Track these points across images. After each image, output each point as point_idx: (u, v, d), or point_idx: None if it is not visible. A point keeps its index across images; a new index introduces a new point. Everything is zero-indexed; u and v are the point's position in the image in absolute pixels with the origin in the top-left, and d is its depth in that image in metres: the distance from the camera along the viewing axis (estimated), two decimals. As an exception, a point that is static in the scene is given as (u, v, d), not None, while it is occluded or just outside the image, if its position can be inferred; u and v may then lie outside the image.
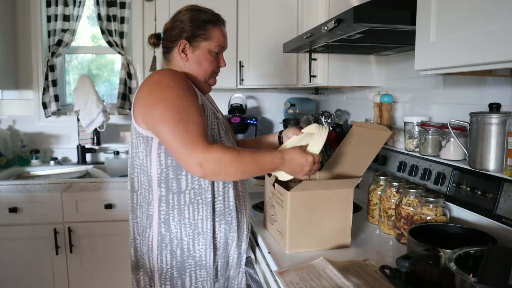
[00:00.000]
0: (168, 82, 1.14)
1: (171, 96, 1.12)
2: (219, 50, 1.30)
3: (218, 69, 1.35)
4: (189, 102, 1.13)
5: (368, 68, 1.99)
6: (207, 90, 1.35)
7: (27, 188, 2.29)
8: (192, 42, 1.26)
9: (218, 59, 1.32)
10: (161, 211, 1.23)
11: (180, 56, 1.27)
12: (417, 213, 1.25)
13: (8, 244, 2.31)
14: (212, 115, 1.26)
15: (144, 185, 1.25)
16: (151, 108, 1.13)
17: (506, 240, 1.09)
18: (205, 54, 1.28)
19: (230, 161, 1.08)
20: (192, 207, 1.22)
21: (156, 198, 1.23)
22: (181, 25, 1.26)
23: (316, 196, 1.23)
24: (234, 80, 2.65)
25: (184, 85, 1.16)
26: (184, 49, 1.27)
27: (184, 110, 1.10)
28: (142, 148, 1.22)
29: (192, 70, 1.29)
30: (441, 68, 1.00)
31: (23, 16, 2.79)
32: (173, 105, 1.10)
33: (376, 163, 1.77)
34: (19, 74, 2.83)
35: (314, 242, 1.26)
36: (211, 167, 1.06)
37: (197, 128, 1.09)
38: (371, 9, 1.21)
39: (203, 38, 1.26)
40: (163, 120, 1.09)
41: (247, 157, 1.11)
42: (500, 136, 1.15)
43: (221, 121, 1.31)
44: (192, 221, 1.23)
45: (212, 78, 1.34)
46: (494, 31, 0.81)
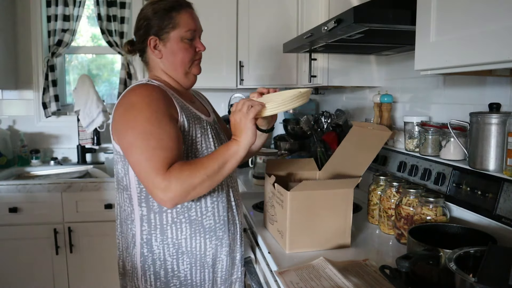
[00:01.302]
0: (141, 105, 1.08)
1: (142, 122, 1.06)
2: (192, 35, 1.22)
3: (199, 56, 1.27)
4: (161, 126, 1.06)
5: (368, 68, 1.99)
6: (192, 82, 1.28)
7: (27, 188, 2.29)
8: (161, 35, 1.20)
9: (194, 45, 1.24)
10: (143, 231, 1.17)
11: (154, 54, 1.22)
12: (417, 213, 1.25)
13: (8, 244, 2.31)
14: (195, 124, 1.19)
15: (126, 203, 1.20)
16: (122, 134, 1.10)
17: (506, 240, 1.09)
18: (178, 43, 1.20)
19: (190, 173, 1.03)
20: (175, 226, 1.17)
21: (137, 217, 1.17)
22: (145, 22, 1.21)
23: (316, 196, 1.23)
24: (234, 80, 2.65)
25: (157, 106, 1.09)
26: (156, 45, 1.21)
27: (152, 136, 1.05)
28: (121, 166, 1.18)
29: (169, 65, 1.22)
30: (441, 68, 1.00)
31: (23, 16, 2.79)
32: (142, 132, 1.05)
33: (376, 163, 1.77)
34: (19, 74, 2.84)
35: (314, 242, 1.26)
36: (174, 188, 1.01)
37: (164, 154, 1.03)
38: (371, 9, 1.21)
39: (170, 28, 1.19)
40: (131, 149, 1.06)
41: (204, 160, 1.07)
42: (500, 136, 1.15)
43: (208, 124, 1.25)
44: (176, 241, 1.17)
45: (194, 67, 1.26)
46: (494, 31, 0.81)
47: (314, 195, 1.23)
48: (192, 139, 1.18)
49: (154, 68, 1.25)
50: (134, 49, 1.27)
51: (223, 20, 2.61)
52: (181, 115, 1.15)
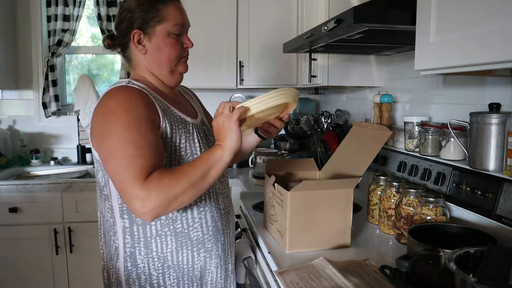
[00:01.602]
0: (119, 111, 1.00)
1: (120, 129, 0.99)
2: (179, 30, 1.13)
3: (186, 52, 1.18)
4: (140, 134, 0.99)
5: (368, 68, 1.99)
6: (178, 81, 1.19)
7: (27, 188, 2.28)
8: (146, 29, 1.10)
9: (181, 41, 1.15)
10: (126, 244, 1.10)
11: (137, 49, 1.12)
12: (417, 213, 1.25)
13: (8, 244, 2.31)
14: (179, 128, 1.11)
15: (108, 213, 1.12)
16: (100, 142, 1.03)
17: (506, 240, 1.09)
18: (164, 38, 1.11)
19: (171, 181, 0.95)
20: (160, 239, 1.09)
21: (120, 229, 1.10)
22: (128, 14, 1.11)
23: (316, 196, 1.23)
24: (234, 80, 2.65)
25: (137, 112, 1.01)
26: (140, 40, 1.11)
27: (131, 144, 0.97)
28: (101, 175, 1.11)
29: (154, 62, 1.13)
30: (441, 68, 1.00)
31: (23, 16, 2.79)
32: (120, 140, 0.98)
33: (376, 163, 1.77)
34: (19, 74, 2.83)
35: (314, 242, 1.26)
36: (154, 199, 0.93)
37: (143, 162, 0.96)
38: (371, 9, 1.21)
39: (156, 21, 1.10)
40: (109, 158, 0.99)
41: (186, 167, 0.99)
42: (500, 136, 1.15)
43: (194, 127, 1.17)
44: (161, 254, 1.10)
45: (181, 64, 1.17)
46: (494, 31, 0.81)
47: (314, 195, 1.23)
48: (176, 145, 1.10)
49: (137, 65, 1.16)
50: (115, 43, 1.17)
51: (223, 20, 2.61)
52: (163, 120, 1.07)
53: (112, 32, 1.18)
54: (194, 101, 1.34)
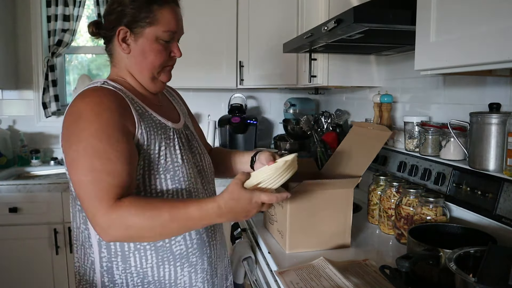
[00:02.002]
0: (89, 116, 0.92)
1: (88, 136, 0.90)
2: (169, 37, 1.04)
3: (172, 62, 1.09)
4: (110, 143, 0.90)
5: (368, 68, 1.99)
6: (160, 88, 1.11)
7: (27, 188, 2.28)
8: (134, 28, 1.01)
9: (170, 49, 1.06)
10: (103, 258, 1.01)
11: (121, 47, 1.03)
12: (417, 213, 1.25)
13: (8, 244, 2.30)
14: (157, 134, 1.02)
15: (83, 225, 1.04)
16: (66, 147, 0.95)
17: (506, 240, 1.09)
18: (151, 43, 1.02)
19: (141, 224, 0.88)
20: (139, 253, 1.01)
21: (95, 242, 1.02)
22: (119, 7, 1.02)
23: (316, 196, 1.23)
24: (234, 80, 2.65)
25: (108, 118, 0.92)
26: (125, 38, 1.02)
27: (99, 155, 0.89)
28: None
29: (135, 65, 1.05)
30: (441, 68, 1.00)
31: (23, 16, 2.79)
32: (87, 148, 0.90)
33: (376, 163, 1.77)
34: (19, 74, 2.83)
35: (314, 242, 1.26)
36: (116, 232, 0.88)
37: (110, 180, 0.88)
38: (371, 9, 1.21)
39: (147, 23, 1.01)
40: (73, 167, 0.92)
41: (165, 215, 0.89)
42: (500, 136, 1.15)
43: (175, 132, 1.08)
44: (140, 270, 1.01)
45: (164, 73, 1.08)
46: (494, 31, 0.81)
47: (314, 195, 1.23)
48: (155, 153, 1.01)
49: (118, 63, 1.07)
50: (100, 33, 1.08)
51: (223, 20, 2.61)
52: (138, 126, 0.98)
53: (100, 19, 1.08)
54: (178, 102, 1.26)
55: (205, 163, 1.18)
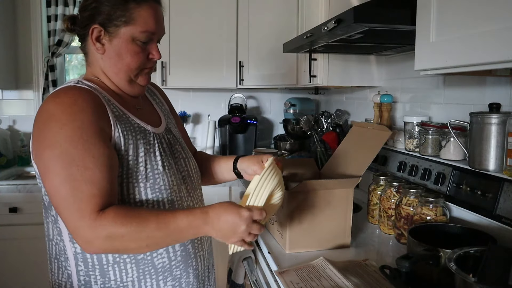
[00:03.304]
0: (61, 118, 0.85)
1: (62, 141, 0.84)
2: (147, 38, 0.96)
3: (150, 64, 1.01)
4: (86, 149, 0.84)
5: (368, 68, 1.99)
6: (139, 91, 1.03)
7: (27, 188, 2.28)
8: (109, 27, 0.94)
9: (148, 50, 0.98)
10: (80, 272, 0.95)
11: (95, 47, 0.96)
12: (417, 213, 1.25)
13: (8, 244, 2.31)
14: (136, 139, 0.96)
15: (59, 236, 0.97)
16: (39, 153, 0.88)
17: (506, 240, 1.09)
18: (127, 44, 0.95)
19: (127, 235, 0.83)
20: (118, 267, 0.95)
21: (71, 255, 0.95)
22: (93, 4, 0.94)
23: (316, 196, 1.23)
24: (234, 80, 2.65)
25: (83, 120, 0.86)
26: (99, 37, 0.95)
27: (75, 162, 0.83)
28: (44, 192, 0.97)
29: (110, 66, 0.97)
30: (441, 68, 1.00)
31: (23, 16, 2.79)
32: (62, 155, 0.83)
33: (376, 163, 1.77)
34: (19, 74, 2.84)
35: (314, 242, 1.26)
36: (101, 245, 0.84)
37: (90, 190, 0.83)
38: (371, 9, 1.21)
39: (122, 22, 0.93)
40: (47, 175, 0.86)
41: (152, 225, 0.84)
42: (500, 136, 1.15)
43: (155, 137, 1.01)
44: (120, 284, 0.95)
45: (142, 76, 1.00)
46: (494, 31, 0.81)
47: (314, 195, 1.23)
48: (133, 159, 0.94)
49: (93, 63, 1.00)
50: (74, 30, 1.00)
51: (223, 20, 2.61)
52: (115, 129, 0.92)
53: (76, 15, 1.00)
54: (159, 103, 1.18)
55: (190, 168, 1.10)
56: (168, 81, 2.56)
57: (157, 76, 2.54)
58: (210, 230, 0.88)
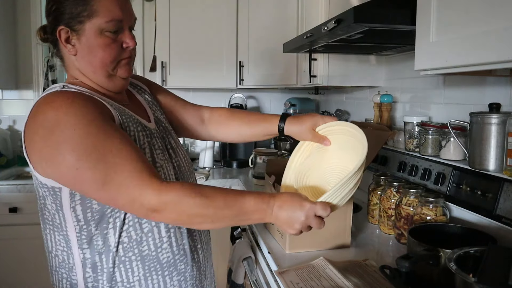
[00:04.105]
0: (69, 119, 0.81)
1: (80, 139, 0.80)
2: (116, 27, 0.91)
3: (127, 53, 0.96)
4: (107, 136, 0.82)
5: (368, 68, 1.99)
6: (121, 86, 0.98)
7: (27, 188, 2.28)
8: (73, 26, 0.90)
9: (121, 40, 0.93)
10: (87, 278, 0.93)
11: (66, 49, 0.92)
12: (417, 213, 1.25)
13: (8, 244, 2.31)
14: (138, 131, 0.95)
15: (60, 246, 0.95)
16: (56, 160, 0.82)
17: (506, 240, 1.09)
18: (95, 38, 0.90)
19: (195, 209, 0.82)
20: (124, 267, 0.93)
21: (78, 262, 0.93)
22: (54, 6, 0.91)
23: (316, 196, 1.23)
24: (234, 80, 2.65)
25: (91, 112, 0.83)
26: (68, 38, 0.91)
27: (107, 150, 0.81)
28: (50, 201, 0.95)
29: (86, 65, 0.93)
30: (441, 68, 1.00)
31: (23, 16, 2.79)
32: (87, 152, 0.80)
33: (376, 163, 1.77)
34: (19, 74, 2.84)
35: (314, 242, 1.26)
36: (168, 214, 0.81)
37: (134, 166, 0.81)
38: (371, 9, 1.21)
39: (85, 16, 0.89)
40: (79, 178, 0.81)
41: (219, 201, 0.83)
42: (500, 136, 1.15)
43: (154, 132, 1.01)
44: (127, 285, 0.94)
45: (121, 68, 0.95)
46: (494, 31, 0.81)
47: (314, 195, 1.23)
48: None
49: (69, 66, 0.96)
50: (47, 39, 0.97)
51: (223, 20, 2.61)
52: (116, 120, 0.90)
53: (46, 24, 0.97)
54: (143, 94, 1.14)
55: (180, 157, 1.08)
56: (168, 81, 2.56)
57: (157, 76, 2.54)
58: (275, 220, 0.87)
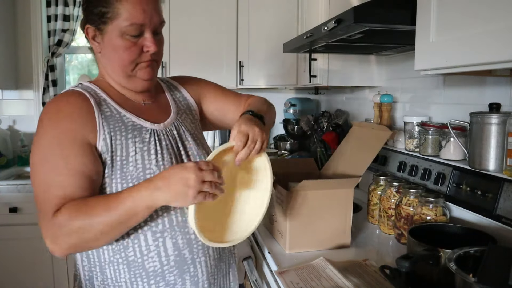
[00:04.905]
0: (46, 124, 0.90)
1: (43, 145, 0.89)
2: (137, 31, 0.92)
3: (147, 57, 0.96)
4: (62, 156, 0.87)
5: (368, 68, 1.99)
6: (142, 87, 1.00)
7: (27, 188, 2.28)
8: (98, 25, 0.93)
9: (141, 43, 0.94)
10: (85, 267, 0.99)
11: (93, 46, 0.98)
12: (417, 213, 1.25)
13: (8, 244, 2.31)
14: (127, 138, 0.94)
15: None
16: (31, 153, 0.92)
17: (506, 240, 1.09)
18: (117, 39, 0.92)
19: (80, 226, 0.83)
20: (113, 266, 0.95)
21: None
22: (84, 5, 0.95)
23: (316, 196, 1.23)
24: (234, 80, 2.65)
25: (66, 128, 0.88)
26: (95, 35, 0.96)
27: (50, 167, 0.87)
28: None
29: (107, 63, 0.98)
30: (441, 68, 1.00)
31: (23, 16, 2.79)
32: (41, 160, 0.88)
33: (376, 163, 1.77)
34: (19, 74, 2.84)
35: (314, 242, 1.26)
36: (63, 243, 0.84)
37: (56, 193, 0.86)
38: (371, 9, 1.21)
39: (108, 18, 0.91)
40: (32, 172, 0.90)
41: (99, 209, 0.83)
42: (500, 136, 1.15)
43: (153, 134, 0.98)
44: (116, 283, 0.95)
45: (141, 70, 0.97)
46: (494, 31, 0.81)
47: (314, 195, 1.23)
48: (121, 159, 0.93)
49: (98, 62, 1.02)
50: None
51: (223, 20, 2.61)
52: (100, 132, 0.92)
53: None
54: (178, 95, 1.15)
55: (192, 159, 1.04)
56: (168, 81, 2.56)
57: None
58: (162, 195, 0.83)
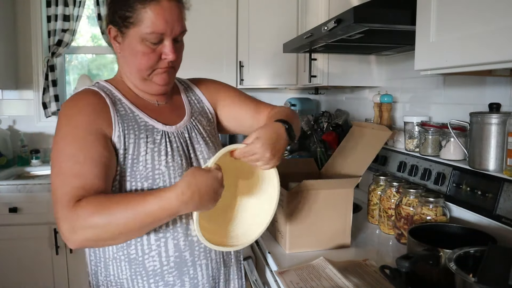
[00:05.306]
0: (62, 119, 0.92)
1: (60, 139, 0.90)
2: (157, 39, 0.94)
3: (164, 64, 0.98)
4: (78, 145, 0.88)
5: (368, 68, 1.99)
6: (157, 90, 1.02)
7: (27, 188, 2.28)
8: (120, 28, 0.95)
9: (160, 50, 0.96)
10: (91, 261, 1.02)
11: (114, 45, 1.00)
12: (417, 213, 1.25)
13: (8, 244, 2.30)
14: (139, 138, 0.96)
15: None
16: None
17: (506, 240, 1.09)
18: (136, 44, 0.94)
19: (100, 222, 0.81)
20: (116, 263, 0.97)
21: None
22: (109, 5, 0.98)
23: (316, 196, 1.23)
24: (234, 80, 2.65)
25: (79, 120, 0.91)
26: (116, 36, 0.98)
27: (67, 158, 0.87)
28: None
29: (125, 65, 1.01)
30: (441, 68, 1.00)
31: (23, 16, 2.79)
32: (58, 152, 0.89)
33: (376, 163, 1.77)
34: (19, 74, 2.84)
35: (314, 242, 1.26)
36: (78, 236, 0.82)
37: (73, 182, 0.85)
38: (371, 9, 1.21)
39: (130, 23, 0.93)
40: (52, 168, 0.90)
41: (121, 213, 0.82)
42: (500, 136, 1.15)
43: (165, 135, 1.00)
44: (118, 280, 0.97)
45: (157, 75, 0.98)
46: (494, 31, 0.81)
47: (314, 195, 1.23)
48: (132, 158, 0.94)
49: (118, 61, 1.06)
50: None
51: (223, 20, 2.61)
52: (115, 128, 0.94)
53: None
54: (195, 98, 1.18)
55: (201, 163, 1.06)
56: (168, 81, 2.56)
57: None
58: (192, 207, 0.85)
